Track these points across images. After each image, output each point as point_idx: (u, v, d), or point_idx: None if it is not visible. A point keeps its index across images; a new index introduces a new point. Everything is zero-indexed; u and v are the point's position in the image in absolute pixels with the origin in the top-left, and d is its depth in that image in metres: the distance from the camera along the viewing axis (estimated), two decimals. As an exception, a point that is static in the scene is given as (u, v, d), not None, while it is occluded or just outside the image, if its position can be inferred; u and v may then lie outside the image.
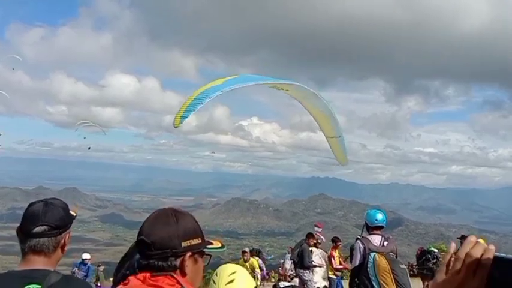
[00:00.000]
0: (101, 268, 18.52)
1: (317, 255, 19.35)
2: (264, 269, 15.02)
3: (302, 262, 10.72)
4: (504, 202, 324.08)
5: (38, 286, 1.73)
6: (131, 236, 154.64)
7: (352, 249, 5.73)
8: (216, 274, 2.49)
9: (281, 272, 19.96)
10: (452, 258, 0.76)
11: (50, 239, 1.84)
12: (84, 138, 26.67)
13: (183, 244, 1.55)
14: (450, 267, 0.75)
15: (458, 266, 0.73)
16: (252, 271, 10.55)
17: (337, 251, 11.72)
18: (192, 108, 6.29)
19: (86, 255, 16.18)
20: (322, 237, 13.18)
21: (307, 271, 10.77)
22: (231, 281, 3.49)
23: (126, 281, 1.48)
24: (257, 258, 12.42)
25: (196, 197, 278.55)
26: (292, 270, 20.89)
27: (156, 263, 1.48)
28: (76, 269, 15.52)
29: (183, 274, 1.51)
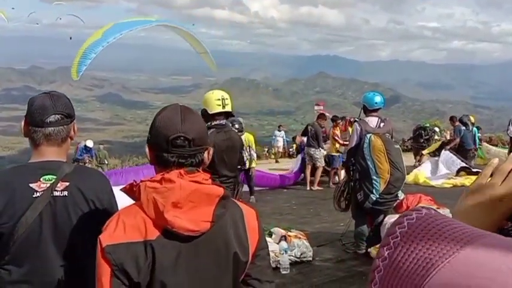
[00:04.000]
0: (102, 147, 19.02)
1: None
2: None
3: (318, 142, 11.28)
4: (500, 78, 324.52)
5: (53, 176, 1.81)
6: (131, 115, 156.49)
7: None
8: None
9: (279, 150, 20.53)
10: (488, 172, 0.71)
11: (63, 127, 1.88)
12: (60, 19, 25.45)
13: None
14: (488, 180, 0.70)
15: (499, 180, 0.68)
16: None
17: (338, 128, 11.88)
18: (83, 62, 7.96)
19: (90, 143, 16.89)
20: (327, 113, 13.40)
21: (318, 149, 11.33)
22: None
23: (157, 178, 1.45)
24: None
25: (194, 77, 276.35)
26: (285, 147, 21.61)
27: (191, 160, 1.49)
28: (86, 156, 16.54)
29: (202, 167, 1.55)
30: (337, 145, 11.60)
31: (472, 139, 12.51)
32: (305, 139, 11.99)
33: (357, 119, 5.74)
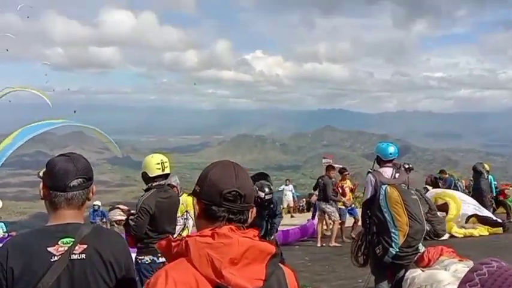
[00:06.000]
0: (114, 209, 19.23)
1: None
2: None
3: (325, 195, 10.86)
4: (511, 124, 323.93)
5: (71, 239, 1.80)
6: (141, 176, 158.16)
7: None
8: None
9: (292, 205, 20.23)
10: None
11: (83, 190, 1.89)
12: (69, 89, 26.34)
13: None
14: None
15: None
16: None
17: (346, 181, 11.72)
18: None
19: (97, 202, 17.10)
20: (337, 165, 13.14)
21: (329, 203, 10.92)
22: None
23: (208, 233, 1.42)
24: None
25: (202, 136, 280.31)
26: (296, 201, 21.28)
27: (240, 216, 1.49)
28: (98, 219, 16.59)
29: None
30: (345, 198, 11.37)
31: (488, 187, 12.25)
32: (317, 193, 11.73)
33: (370, 170, 5.61)
